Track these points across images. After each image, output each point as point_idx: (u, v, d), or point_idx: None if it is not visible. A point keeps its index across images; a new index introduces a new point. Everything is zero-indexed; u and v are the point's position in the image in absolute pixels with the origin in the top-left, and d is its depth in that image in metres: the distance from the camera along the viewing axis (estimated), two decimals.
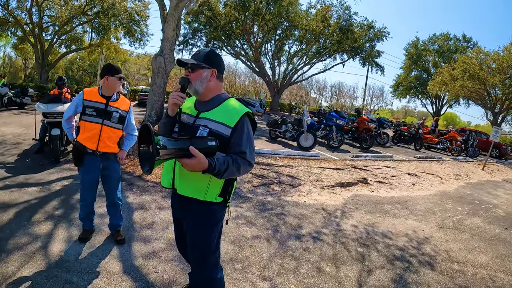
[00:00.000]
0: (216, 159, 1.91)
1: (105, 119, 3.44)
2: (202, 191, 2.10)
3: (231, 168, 1.95)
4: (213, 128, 2.03)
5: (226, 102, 2.14)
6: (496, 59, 24.32)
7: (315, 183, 7.11)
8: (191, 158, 1.81)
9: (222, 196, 2.16)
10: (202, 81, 2.09)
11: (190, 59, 2.12)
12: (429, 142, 17.29)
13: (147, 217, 4.47)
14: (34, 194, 4.86)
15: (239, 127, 2.03)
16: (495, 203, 7.84)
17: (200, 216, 2.19)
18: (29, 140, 8.40)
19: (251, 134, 2.11)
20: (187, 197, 2.15)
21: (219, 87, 2.20)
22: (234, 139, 2.03)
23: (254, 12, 24.82)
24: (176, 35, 11.10)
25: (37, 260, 3.18)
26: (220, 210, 2.22)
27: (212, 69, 2.11)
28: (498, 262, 4.51)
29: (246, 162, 2.03)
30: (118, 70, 3.46)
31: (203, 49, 2.19)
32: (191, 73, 2.11)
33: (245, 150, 2.03)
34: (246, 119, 2.08)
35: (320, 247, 4.21)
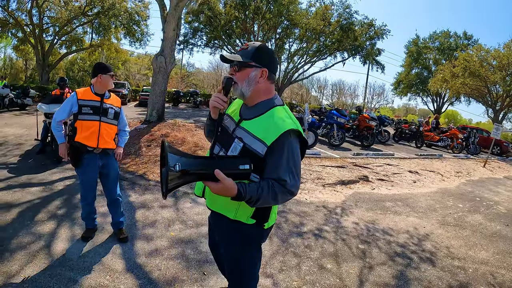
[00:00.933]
0: (248, 185, 1.62)
1: (102, 116, 3.49)
2: (232, 210, 1.82)
3: (266, 197, 1.62)
4: (248, 144, 1.71)
5: (271, 111, 1.77)
6: (497, 56, 24.29)
7: (316, 181, 7.13)
8: (217, 182, 1.53)
9: (255, 218, 1.83)
10: (249, 83, 1.76)
11: (236, 55, 1.78)
12: (430, 140, 17.28)
13: (149, 216, 4.50)
14: (37, 194, 4.89)
15: (278, 147, 1.66)
16: (496, 200, 7.85)
17: (231, 235, 1.93)
18: (31, 141, 8.42)
19: (296, 158, 1.71)
20: (217, 213, 1.91)
21: (269, 89, 1.83)
22: (271, 161, 1.68)
23: (254, 11, 24.81)
24: (177, 34, 11.11)
25: (40, 259, 3.21)
26: (254, 233, 1.91)
27: (263, 69, 1.77)
28: (499, 258, 4.52)
29: (286, 192, 1.66)
30: (109, 68, 3.51)
31: (253, 43, 1.81)
32: (236, 72, 1.78)
33: (284, 177, 1.65)
34: (289, 137, 1.69)
35: (321, 244, 4.23)
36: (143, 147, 7.86)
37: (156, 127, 9.83)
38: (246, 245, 1.93)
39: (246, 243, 1.93)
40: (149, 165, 6.76)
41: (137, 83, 46.12)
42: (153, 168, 6.60)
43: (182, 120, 12.22)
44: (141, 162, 6.98)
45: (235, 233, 1.90)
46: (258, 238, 1.96)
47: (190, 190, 5.65)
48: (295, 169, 1.69)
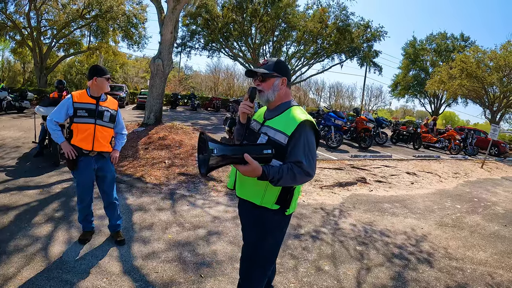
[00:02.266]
0: (271, 166, 1.96)
1: (97, 118, 3.49)
2: (259, 196, 2.13)
3: (286, 177, 1.95)
4: (272, 136, 2.08)
5: (289, 110, 2.15)
6: (493, 57, 24.37)
7: (313, 183, 7.13)
8: (245, 165, 1.87)
9: (280, 203, 2.14)
10: (274, 90, 2.15)
11: (261, 69, 2.15)
12: (428, 141, 17.31)
13: (146, 218, 4.49)
14: (34, 197, 4.88)
15: (297, 135, 2.02)
16: (494, 201, 7.86)
17: (255, 220, 2.22)
18: (29, 144, 8.42)
19: (311, 144, 2.05)
20: (245, 200, 2.23)
21: (288, 94, 2.24)
22: (291, 148, 2.02)
23: (251, 14, 24.88)
24: (174, 37, 11.12)
25: (37, 262, 3.20)
26: (277, 218, 2.20)
27: (283, 78, 2.17)
28: (497, 258, 4.53)
29: (303, 172, 1.99)
30: (105, 71, 3.52)
31: (271, 58, 2.23)
32: (262, 83, 2.16)
33: (300, 159, 1.98)
34: (305, 127, 2.04)
35: (319, 246, 4.23)
36: (141, 150, 7.85)
37: (154, 130, 9.82)
38: (268, 232, 2.21)
39: (270, 228, 2.21)
40: (147, 168, 6.75)
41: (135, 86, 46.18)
42: (151, 171, 6.59)
43: (180, 123, 12.22)
44: (138, 165, 6.97)
45: (261, 220, 2.20)
46: (281, 225, 2.25)
47: (187, 193, 5.66)
48: (310, 154, 2.03)
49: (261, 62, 2.23)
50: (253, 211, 2.20)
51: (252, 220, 2.25)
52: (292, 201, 2.19)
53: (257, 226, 2.22)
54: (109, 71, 3.63)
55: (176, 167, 6.88)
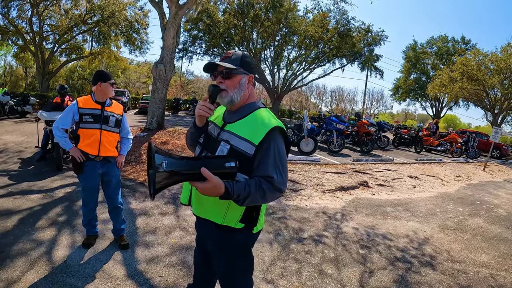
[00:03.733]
0: (235, 183, 1.63)
1: (103, 124, 3.51)
2: (220, 214, 1.80)
3: (254, 195, 1.64)
4: (235, 145, 1.73)
5: (255, 113, 1.82)
6: (494, 60, 24.35)
7: (316, 187, 7.14)
8: (204, 182, 1.53)
9: (244, 222, 1.82)
10: (240, 89, 1.82)
11: (225, 63, 1.79)
12: (430, 145, 17.32)
13: (150, 223, 4.51)
14: (37, 201, 4.90)
15: (265, 145, 1.70)
16: (496, 203, 7.86)
17: (220, 241, 1.90)
18: (31, 148, 8.46)
19: (282, 154, 1.75)
20: (205, 219, 1.87)
21: (253, 94, 1.92)
22: (259, 159, 1.70)
23: (253, 19, 24.95)
24: (176, 42, 11.18)
25: (41, 266, 3.21)
26: (243, 238, 1.89)
27: (250, 75, 1.86)
28: (500, 261, 4.53)
29: (274, 188, 1.68)
30: (110, 76, 3.53)
31: (235, 51, 1.87)
32: (225, 80, 1.81)
33: (271, 174, 1.67)
34: (275, 135, 1.74)
35: (322, 249, 4.23)
36: (143, 155, 7.88)
37: (156, 135, 9.86)
38: (237, 254, 1.91)
39: (238, 252, 1.91)
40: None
41: (136, 91, 46.30)
42: None
43: (182, 128, 12.25)
44: (141, 169, 7.00)
45: (225, 243, 1.88)
46: (248, 245, 1.95)
47: None
48: (281, 166, 1.72)
49: (222, 56, 1.87)
50: (216, 232, 1.86)
51: (216, 243, 1.91)
52: (260, 217, 1.89)
53: (223, 251, 1.90)
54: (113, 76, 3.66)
55: None
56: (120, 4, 24.30)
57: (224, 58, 1.84)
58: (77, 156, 3.42)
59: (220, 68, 1.81)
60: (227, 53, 1.86)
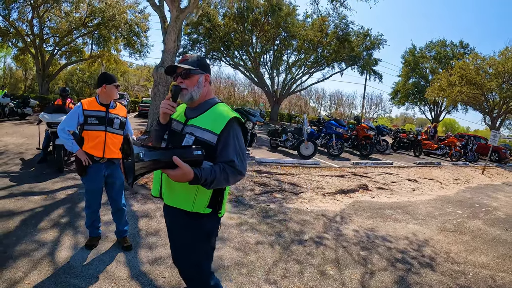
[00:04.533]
0: (203, 168, 1.82)
1: (107, 126, 3.55)
2: (189, 202, 1.99)
3: (219, 178, 1.84)
4: (199, 136, 1.94)
5: (214, 107, 2.04)
6: (492, 64, 24.53)
7: (316, 190, 7.17)
8: (175, 169, 1.71)
9: (211, 207, 2.03)
10: (199, 87, 2.03)
11: (184, 64, 2.02)
12: (429, 148, 17.38)
13: (152, 225, 4.53)
14: (39, 203, 4.92)
15: (226, 134, 1.93)
16: (495, 206, 7.90)
17: (188, 229, 2.07)
18: (32, 150, 8.48)
19: (241, 141, 1.99)
20: (175, 208, 2.06)
21: (210, 92, 2.13)
22: (221, 147, 1.93)
23: (252, 23, 25.06)
24: (177, 46, 11.24)
25: (44, 266, 3.23)
26: (210, 222, 2.10)
27: (206, 74, 2.07)
28: (499, 262, 4.57)
29: (236, 171, 1.91)
30: (114, 79, 3.57)
31: (191, 54, 2.12)
32: (184, 80, 2.02)
33: (233, 158, 1.90)
34: (234, 124, 1.97)
35: (323, 251, 4.26)
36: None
37: None
38: (202, 239, 2.10)
39: (203, 237, 2.10)
40: (150, 175, 6.79)
41: (136, 94, 46.31)
42: None
43: None
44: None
45: (194, 229, 2.07)
46: (214, 229, 2.15)
47: None
48: (241, 152, 1.96)
49: (180, 59, 2.09)
50: (185, 220, 2.05)
51: (184, 228, 2.08)
52: (223, 203, 2.12)
53: (190, 235, 2.08)
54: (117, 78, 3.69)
55: None
56: (121, 7, 24.31)
57: (182, 60, 2.07)
58: (84, 159, 3.45)
59: (179, 70, 2.03)
60: (184, 56, 2.09)
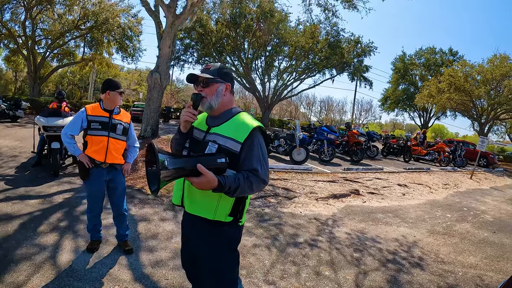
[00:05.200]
0: (226, 176, 1.82)
1: (110, 131, 3.62)
2: (211, 210, 1.98)
3: (243, 186, 1.84)
4: (222, 144, 1.94)
5: (236, 116, 2.04)
6: (481, 71, 24.96)
7: (309, 195, 7.30)
8: (199, 177, 1.72)
9: (233, 215, 2.01)
10: (217, 96, 2.02)
11: (204, 74, 2.03)
12: (418, 154, 17.61)
13: (151, 228, 4.61)
14: (36, 206, 4.95)
15: (249, 142, 1.93)
16: (483, 209, 8.13)
17: (211, 237, 2.05)
18: (26, 153, 8.48)
19: (264, 150, 1.99)
20: (196, 216, 2.04)
21: (231, 101, 2.12)
22: (244, 155, 1.93)
23: (245, 29, 25.18)
24: (172, 51, 11.32)
25: (47, 270, 3.27)
26: (231, 231, 2.07)
27: (227, 83, 2.07)
28: (487, 262, 4.77)
29: (259, 180, 1.91)
30: (118, 85, 3.64)
31: (214, 64, 2.12)
32: (204, 89, 2.03)
33: (256, 167, 1.91)
34: (257, 133, 1.97)
35: (318, 253, 4.39)
36: (139, 162, 7.96)
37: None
38: (225, 248, 2.07)
39: (227, 247, 2.07)
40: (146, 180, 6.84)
41: (126, 98, 46.07)
42: None
43: None
44: (138, 176, 7.08)
45: (215, 238, 2.04)
46: (236, 238, 2.13)
47: None
48: (264, 161, 1.97)
49: (203, 68, 2.12)
50: (207, 227, 2.03)
51: (206, 238, 2.06)
52: (244, 211, 2.10)
53: (213, 245, 2.05)
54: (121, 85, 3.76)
55: None
56: (114, 11, 24.30)
57: (204, 69, 2.08)
58: (85, 162, 3.51)
59: (201, 79, 2.04)
60: (207, 66, 2.10)
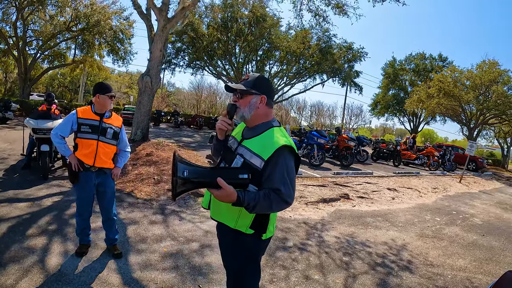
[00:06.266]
0: (247, 192, 1.83)
1: (100, 135, 3.59)
2: (233, 219, 2.01)
3: (262, 204, 1.83)
4: (247, 159, 1.94)
5: (267, 132, 2.02)
6: (470, 76, 25.29)
7: (299, 199, 7.32)
8: (219, 189, 1.76)
9: (254, 228, 2.01)
10: (250, 108, 2.02)
11: (239, 85, 2.05)
12: (408, 158, 17.73)
13: (140, 232, 4.58)
14: (25, 210, 4.90)
15: (274, 161, 1.88)
16: (472, 213, 8.23)
17: (232, 244, 2.10)
18: (15, 156, 8.38)
19: (290, 170, 1.93)
20: (221, 223, 2.10)
21: (268, 114, 2.09)
22: (268, 173, 1.89)
23: (236, 33, 25.25)
24: (163, 55, 11.29)
25: (35, 273, 3.25)
26: (253, 242, 2.07)
27: (262, 95, 2.03)
28: (476, 265, 4.85)
29: (280, 200, 1.86)
30: (108, 89, 3.62)
31: (253, 74, 2.10)
32: (239, 99, 2.04)
33: (278, 186, 1.86)
34: (284, 152, 1.91)
35: (307, 257, 4.41)
36: (129, 166, 7.92)
37: (141, 146, 9.89)
38: (246, 258, 2.10)
39: (246, 256, 2.10)
40: (136, 183, 6.83)
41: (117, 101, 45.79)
42: (140, 186, 6.67)
43: (165, 139, 12.31)
44: (127, 180, 7.04)
45: (237, 247, 2.08)
46: (257, 250, 2.13)
47: (178, 208, 5.76)
48: (289, 180, 1.90)
49: (243, 77, 2.12)
50: (230, 234, 2.07)
51: (229, 243, 2.13)
52: (269, 225, 2.08)
53: (235, 250, 2.11)
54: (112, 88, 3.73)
55: (165, 183, 6.97)
56: (106, 13, 24.15)
57: (242, 80, 2.08)
58: (74, 164, 3.49)
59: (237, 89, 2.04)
60: (246, 76, 2.09)
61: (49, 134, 6.78)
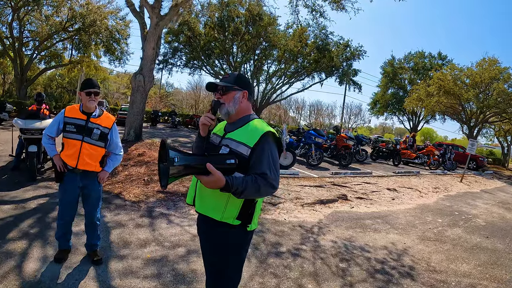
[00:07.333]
0: (235, 177, 1.89)
1: (85, 135, 3.36)
2: (219, 211, 2.05)
3: (250, 188, 1.89)
4: (233, 148, 2.03)
5: (250, 123, 2.13)
6: (470, 74, 25.18)
7: (295, 200, 7.10)
8: (208, 175, 1.81)
9: (241, 219, 2.07)
10: (234, 103, 2.13)
11: (222, 82, 2.16)
12: (407, 157, 17.61)
13: (124, 236, 4.37)
14: (9, 212, 4.71)
15: (259, 147, 1.99)
16: (474, 213, 8.03)
17: (217, 238, 2.13)
18: (5, 157, 8.20)
19: (275, 155, 2.04)
20: (206, 217, 2.11)
21: (248, 107, 2.23)
22: (254, 159, 1.99)
23: (233, 32, 25.11)
24: (156, 53, 11.12)
25: (11, 281, 3.06)
26: (238, 234, 2.12)
27: (244, 91, 2.17)
28: (481, 270, 4.61)
29: (268, 184, 1.95)
30: (89, 85, 3.35)
31: (232, 73, 2.27)
32: (222, 96, 2.14)
33: (265, 171, 1.95)
34: (267, 139, 2.02)
35: (301, 263, 4.18)
36: (119, 167, 7.70)
37: (134, 147, 9.71)
38: (230, 251, 2.13)
39: (232, 247, 2.13)
40: (125, 185, 6.62)
41: (115, 101, 45.71)
42: (129, 188, 6.46)
43: (159, 140, 12.10)
44: (116, 181, 6.84)
45: (221, 240, 2.11)
46: (241, 243, 2.16)
47: (166, 211, 5.55)
48: (274, 165, 2.00)
49: (222, 77, 2.24)
50: (214, 230, 2.12)
51: (213, 239, 2.15)
52: (254, 217, 2.14)
53: (218, 246, 2.13)
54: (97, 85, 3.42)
55: (155, 184, 6.76)
56: (102, 13, 24.05)
57: (223, 78, 2.21)
58: (58, 165, 3.31)
59: (219, 87, 2.17)
60: (226, 74, 2.23)
61: (37, 135, 6.62)
